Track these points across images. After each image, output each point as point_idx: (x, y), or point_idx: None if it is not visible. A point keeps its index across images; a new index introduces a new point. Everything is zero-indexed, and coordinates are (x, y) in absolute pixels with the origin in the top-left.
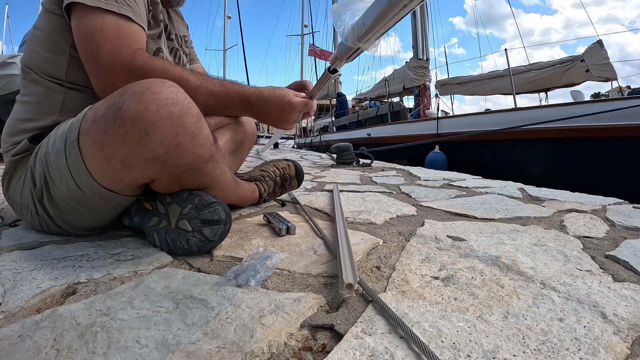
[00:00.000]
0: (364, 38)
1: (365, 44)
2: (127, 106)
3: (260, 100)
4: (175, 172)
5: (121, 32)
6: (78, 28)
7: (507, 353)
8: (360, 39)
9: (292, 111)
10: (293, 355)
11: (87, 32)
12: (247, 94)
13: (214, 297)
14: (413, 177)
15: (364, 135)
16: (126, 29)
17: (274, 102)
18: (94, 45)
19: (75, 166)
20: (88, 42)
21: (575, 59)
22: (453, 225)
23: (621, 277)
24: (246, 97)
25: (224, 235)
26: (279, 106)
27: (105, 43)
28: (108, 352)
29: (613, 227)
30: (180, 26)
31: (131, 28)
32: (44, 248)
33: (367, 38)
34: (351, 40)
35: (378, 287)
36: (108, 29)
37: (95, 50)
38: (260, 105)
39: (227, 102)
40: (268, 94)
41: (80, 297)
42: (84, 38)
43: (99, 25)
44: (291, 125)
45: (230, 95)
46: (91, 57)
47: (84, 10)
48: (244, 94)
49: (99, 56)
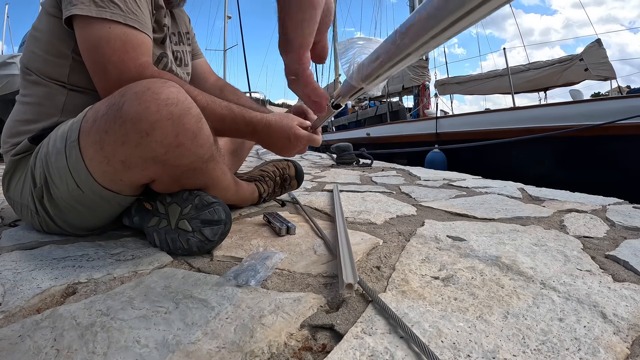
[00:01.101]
0: (368, 79)
1: (368, 85)
2: (128, 106)
3: (266, 127)
4: (176, 173)
5: (128, 44)
6: (84, 38)
7: (507, 353)
8: (364, 80)
9: (297, 143)
10: (293, 355)
11: (94, 44)
12: (253, 120)
13: (214, 297)
14: (413, 177)
15: (364, 135)
16: (133, 39)
17: (280, 132)
18: (101, 57)
19: (76, 166)
20: (95, 53)
21: (574, 58)
22: (453, 225)
23: (621, 277)
24: (252, 124)
25: (224, 235)
26: (284, 136)
27: (112, 55)
28: (108, 352)
29: (613, 227)
30: (182, 22)
31: (138, 38)
32: (44, 248)
33: (371, 80)
34: (355, 80)
35: (378, 287)
36: (115, 41)
37: (103, 63)
38: (267, 133)
39: (233, 126)
40: (275, 122)
41: (80, 297)
42: (91, 49)
43: (105, 36)
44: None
45: (237, 119)
46: (99, 69)
47: (88, 21)
48: (250, 119)
49: (106, 68)
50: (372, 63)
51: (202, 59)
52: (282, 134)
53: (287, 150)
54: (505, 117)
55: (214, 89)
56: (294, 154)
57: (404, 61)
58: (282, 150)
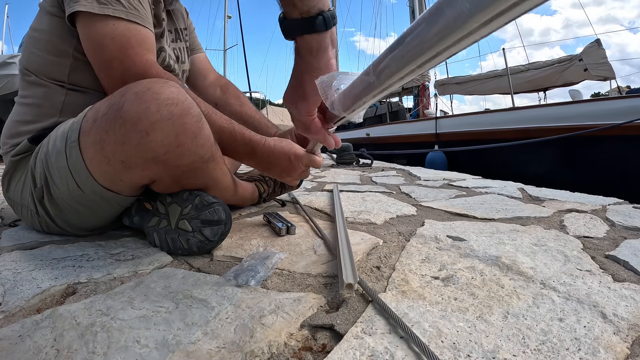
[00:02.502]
0: (349, 109)
1: (350, 114)
2: (128, 106)
3: (266, 148)
4: (176, 173)
5: (133, 39)
6: (87, 36)
7: (507, 353)
8: (345, 110)
9: (298, 164)
10: (293, 355)
11: (98, 41)
12: (252, 139)
13: (214, 297)
14: (413, 177)
15: (363, 135)
16: (137, 35)
17: (280, 153)
18: (105, 54)
19: (76, 166)
20: (99, 51)
21: (574, 58)
22: (453, 225)
23: (621, 277)
24: (251, 144)
25: (224, 235)
26: (285, 157)
27: (117, 52)
28: (108, 352)
29: (613, 227)
30: (180, 16)
31: (142, 34)
32: (44, 248)
33: (352, 109)
34: (337, 110)
35: (378, 287)
36: (120, 37)
37: (108, 59)
38: (267, 154)
39: (230, 142)
40: (274, 144)
41: (80, 297)
42: (95, 47)
43: (109, 33)
44: (296, 179)
45: (235, 135)
46: (104, 66)
47: (91, 18)
48: (249, 139)
49: (111, 65)
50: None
51: (202, 53)
52: (282, 155)
53: (287, 172)
54: (505, 117)
55: (214, 88)
56: (295, 177)
57: (380, 94)
58: (284, 172)
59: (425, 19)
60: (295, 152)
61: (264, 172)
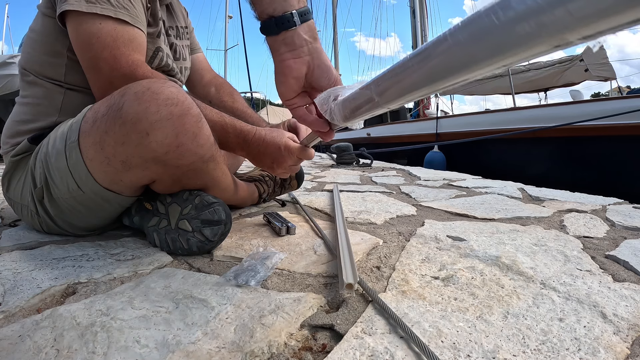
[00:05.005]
0: (348, 119)
1: (350, 124)
2: (128, 107)
3: (257, 137)
4: (176, 173)
5: (119, 39)
6: (75, 35)
7: (507, 353)
8: (344, 120)
9: (289, 155)
10: (293, 355)
11: (85, 40)
12: (243, 130)
13: (214, 297)
14: (413, 177)
15: (364, 135)
16: (124, 35)
17: (271, 143)
18: (92, 53)
19: (76, 167)
20: (86, 50)
21: (574, 58)
22: (453, 225)
23: (621, 277)
24: (242, 134)
25: (224, 235)
26: (275, 147)
27: (103, 51)
28: (108, 352)
29: (613, 227)
30: (180, 15)
31: (129, 33)
32: (44, 248)
33: (350, 120)
34: (337, 119)
35: (378, 287)
36: (106, 36)
37: (94, 59)
38: (258, 143)
39: (223, 135)
40: (265, 133)
41: (80, 297)
42: (82, 46)
43: (96, 32)
44: (287, 171)
45: (227, 128)
46: (91, 66)
47: (79, 17)
48: (240, 130)
49: (98, 65)
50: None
51: (200, 53)
52: (273, 145)
53: (279, 163)
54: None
55: (209, 87)
56: (286, 168)
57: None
58: (274, 163)
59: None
60: (286, 143)
61: (255, 163)
